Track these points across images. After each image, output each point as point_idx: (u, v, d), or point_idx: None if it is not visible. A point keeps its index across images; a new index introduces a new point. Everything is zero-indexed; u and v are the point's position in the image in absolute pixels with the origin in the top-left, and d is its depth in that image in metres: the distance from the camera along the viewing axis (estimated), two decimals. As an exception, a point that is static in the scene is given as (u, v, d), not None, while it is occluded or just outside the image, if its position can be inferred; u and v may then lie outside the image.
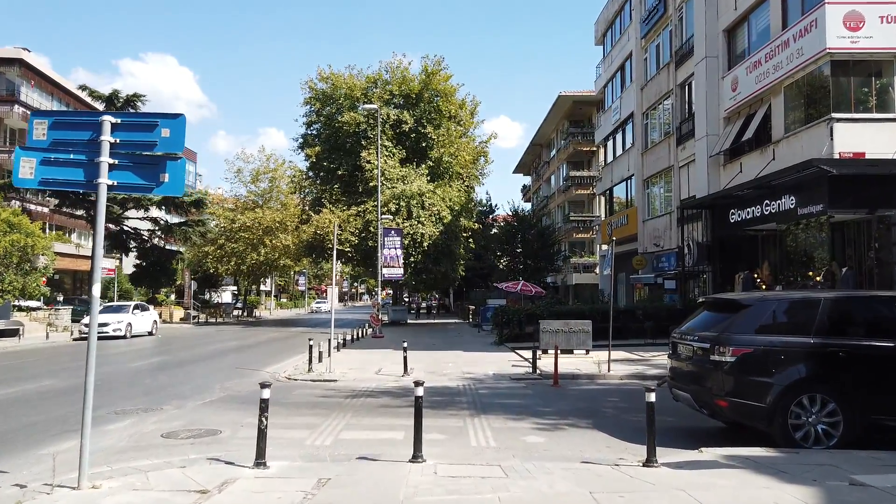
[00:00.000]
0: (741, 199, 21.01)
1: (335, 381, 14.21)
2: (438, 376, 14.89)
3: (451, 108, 41.26)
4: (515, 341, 23.14)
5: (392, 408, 10.67)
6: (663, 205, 29.39)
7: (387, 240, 31.99)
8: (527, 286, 30.02)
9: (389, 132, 39.65)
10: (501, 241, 45.25)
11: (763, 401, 7.54)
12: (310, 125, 43.23)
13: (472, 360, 18.44)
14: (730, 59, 23.09)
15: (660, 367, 15.76)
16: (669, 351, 9.24)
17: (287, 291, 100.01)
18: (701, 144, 24.04)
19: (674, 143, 27.74)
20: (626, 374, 14.72)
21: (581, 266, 49.02)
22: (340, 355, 19.97)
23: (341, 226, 37.66)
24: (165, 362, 18.55)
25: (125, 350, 22.84)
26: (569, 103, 48.61)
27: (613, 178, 36.76)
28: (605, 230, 37.43)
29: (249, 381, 14.12)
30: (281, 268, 58.84)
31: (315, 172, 42.66)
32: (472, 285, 57.42)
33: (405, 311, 43.59)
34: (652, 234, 30.18)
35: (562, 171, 53.45)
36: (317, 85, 41.58)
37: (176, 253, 46.19)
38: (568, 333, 17.10)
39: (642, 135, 31.94)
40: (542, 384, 13.80)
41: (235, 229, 46.42)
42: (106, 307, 30.48)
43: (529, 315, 23.30)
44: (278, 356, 20.27)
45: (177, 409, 10.43)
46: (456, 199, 39.82)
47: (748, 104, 21.50)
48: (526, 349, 20.68)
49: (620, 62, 35.32)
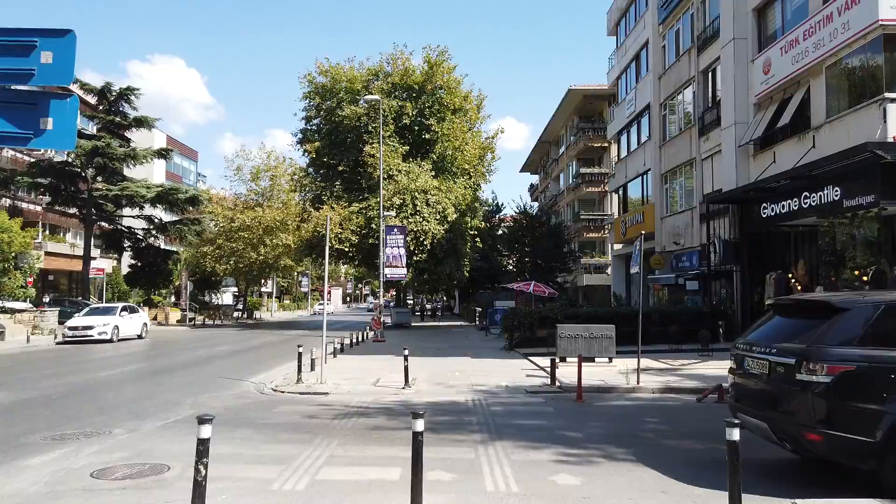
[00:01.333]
0: (775, 191, 19.17)
1: (326, 394, 12.44)
2: (444, 388, 13.10)
3: (455, 101, 39.52)
4: (527, 346, 21.35)
5: (388, 431, 8.89)
6: (684, 200, 27.53)
7: (389, 238, 30.23)
8: (539, 287, 28.20)
9: (392, 126, 37.93)
10: (510, 240, 43.32)
11: (871, 434, 5.73)
12: (309, 120, 41.59)
13: (482, 368, 16.65)
14: (760, 41, 21.24)
15: (694, 378, 13.95)
16: (732, 365, 7.43)
17: (290, 293, 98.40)
18: (728, 133, 22.20)
19: (696, 135, 25.89)
20: (657, 387, 12.90)
21: (592, 266, 47.15)
22: (336, 362, 18.22)
23: (342, 224, 36.00)
24: (142, 370, 16.81)
25: (106, 356, 21.12)
26: (579, 98, 46.75)
27: (628, 174, 34.90)
28: (619, 228, 35.59)
29: (228, 395, 12.36)
30: (282, 268, 57.14)
31: (315, 169, 40.97)
32: (478, 286, 55.60)
33: (409, 314, 41.82)
34: (671, 231, 28.33)
35: (571, 169, 51.58)
36: (316, 78, 39.92)
37: (172, 253, 44.55)
38: (589, 339, 15.29)
39: (660, 127, 30.09)
40: (563, 399, 11.99)
41: (235, 228, 44.77)
42: (92, 309, 28.84)
43: (543, 318, 21.50)
44: (270, 362, 18.52)
45: (128, 433, 8.67)
46: (461, 196, 38.05)
47: (783, 88, 19.64)
48: (540, 356, 18.92)
49: (635, 51, 33.48)
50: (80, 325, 26.31)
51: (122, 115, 39.80)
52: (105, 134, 38.36)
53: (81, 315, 27.85)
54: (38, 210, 43.93)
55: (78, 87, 39.03)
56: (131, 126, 40.10)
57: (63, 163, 38.83)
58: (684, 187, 27.69)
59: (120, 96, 39.18)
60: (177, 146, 77.19)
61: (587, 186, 47.10)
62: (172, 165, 73.79)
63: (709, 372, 15.00)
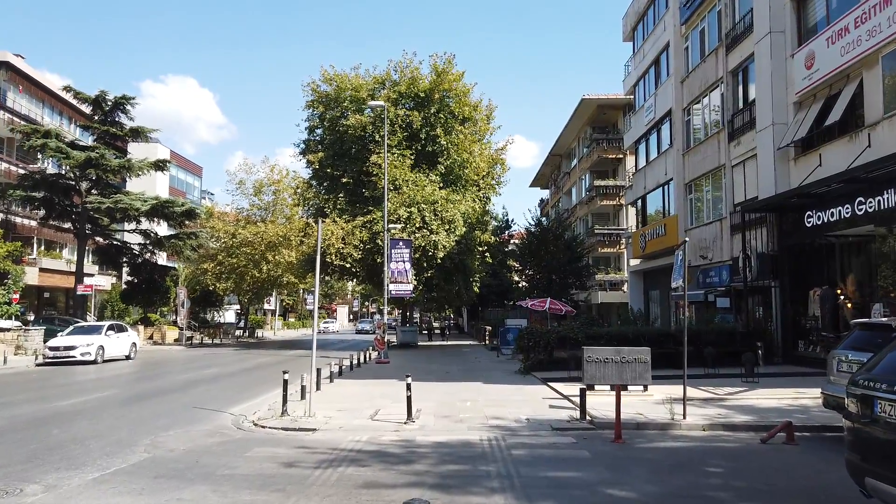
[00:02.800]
0: (822, 197, 17.21)
1: (313, 430, 10.46)
2: (453, 423, 11.10)
3: (464, 111, 37.75)
4: (544, 369, 19.31)
5: (384, 489, 6.91)
6: (711, 211, 25.54)
7: (394, 252, 28.32)
8: (555, 304, 26.17)
9: (400, 135, 36.20)
10: (523, 254, 41.26)
11: None
12: (312, 130, 39.89)
13: (497, 396, 14.63)
14: (800, 33, 19.38)
15: (747, 411, 11.91)
16: (851, 408, 5.44)
17: (295, 311, 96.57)
18: (765, 136, 20.26)
19: (724, 139, 23.97)
20: (706, 422, 10.85)
21: (607, 283, 45.03)
22: (333, 388, 16.25)
23: (345, 239, 34.17)
24: (110, 398, 14.87)
25: (81, 380, 19.22)
26: (592, 108, 44.98)
27: (647, 185, 32.96)
28: (637, 242, 33.56)
29: (197, 432, 10.41)
30: (285, 285, 55.42)
31: (318, 181, 39.22)
32: (487, 304, 53.53)
33: (415, 333, 39.71)
34: (697, 244, 26.32)
35: (584, 182, 49.67)
36: (320, 87, 38.25)
37: (170, 269, 42.76)
38: (620, 364, 13.21)
39: (683, 133, 28.20)
40: (597, 438, 9.98)
41: (236, 244, 43.05)
42: (77, 328, 27.00)
43: (562, 338, 19.48)
44: (258, 388, 16.58)
45: (44, 491, 6.72)
46: (470, 208, 36.15)
47: (828, 83, 17.73)
48: (560, 381, 16.88)
49: (654, 56, 31.70)
50: (61, 346, 24.50)
51: (118, 126, 38.27)
52: (100, 145, 36.82)
53: (64, 335, 26.03)
54: (33, 225, 42.30)
55: (72, 97, 37.63)
56: (127, 136, 38.58)
57: (56, 175, 37.30)
58: (712, 197, 25.72)
59: (116, 106, 37.67)
60: (180, 161, 76.08)
61: (601, 199, 45.11)
62: (176, 181, 72.58)
63: (760, 402, 12.95)
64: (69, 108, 45.17)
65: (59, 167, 38.12)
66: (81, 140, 38.74)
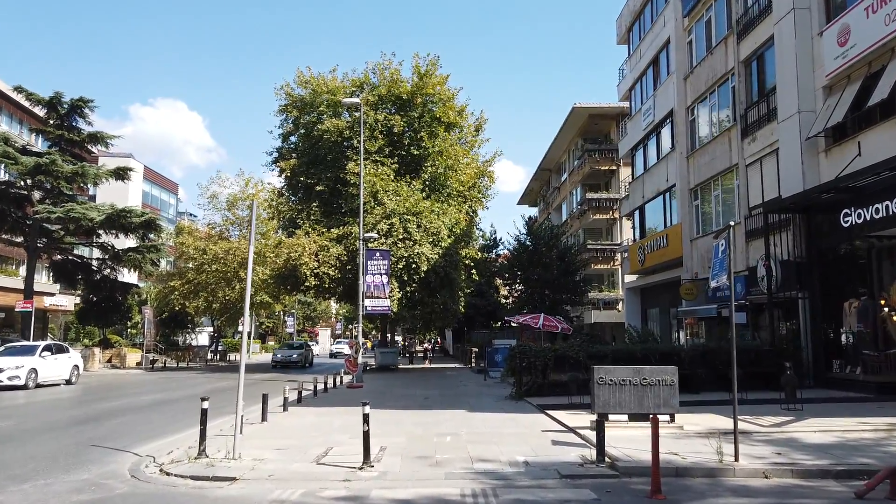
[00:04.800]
0: (861, 191, 14.70)
1: (232, 479, 7.57)
2: (427, 467, 8.27)
3: (448, 116, 35.25)
4: (540, 394, 16.53)
5: None
6: (722, 216, 23.03)
7: (370, 263, 25.48)
8: (550, 320, 23.38)
9: (381, 141, 33.60)
10: (511, 266, 38.47)
11: None
12: (286, 137, 37.15)
13: (484, 428, 11.78)
14: (829, 8, 17.04)
15: (807, 448, 9.17)
16: None
17: (275, 334, 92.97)
18: (788, 127, 17.79)
19: (737, 137, 21.54)
20: (767, 465, 8.10)
21: (601, 302, 42.35)
22: (284, 419, 13.34)
23: (318, 255, 31.30)
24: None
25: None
26: (584, 117, 42.69)
27: (645, 194, 30.48)
28: (635, 256, 31.00)
29: (75, 482, 7.51)
30: (259, 305, 52.22)
31: (292, 191, 36.43)
32: (473, 325, 50.58)
33: (395, 354, 36.66)
34: (705, 255, 23.76)
35: (575, 196, 47.23)
36: (294, 90, 35.66)
37: (131, 286, 39.51)
38: (641, 388, 10.51)
39: (686, 134, 25.80)
40: (625, 490, 7.17)
41: (206, 261, 39.93)
42: (7, 349, 23.82)
43: (560, 357, 16.72)
44: (192, 419, 13.54)
45: None
46: (455, 219, 33.45)
47: (867, 60, 15.32)
48: (560, 408, 14.07)
49: (653, 54, 29.44)
50: (-16, 369, 21.32)
51: (75, 131, 35.32)
52: (55, 151, 33.84)
53: (-8, 356, 22.84)
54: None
55: (24, 98, 34.70)
56: (85, 142, 35.57)
57: (6, 183, 34.20)
58: (722, 201, 23.23)
59: (73, 109, 34.71)
60: (155, 178, 73.08)
61: (594, 213, 42.57)
62: (150, 197, 69.57)
63: (818, 436, 10.24)
64: (27, 115, 42.17)
65: (8, 175, 35.07)
66: (35, 146, 35.71)
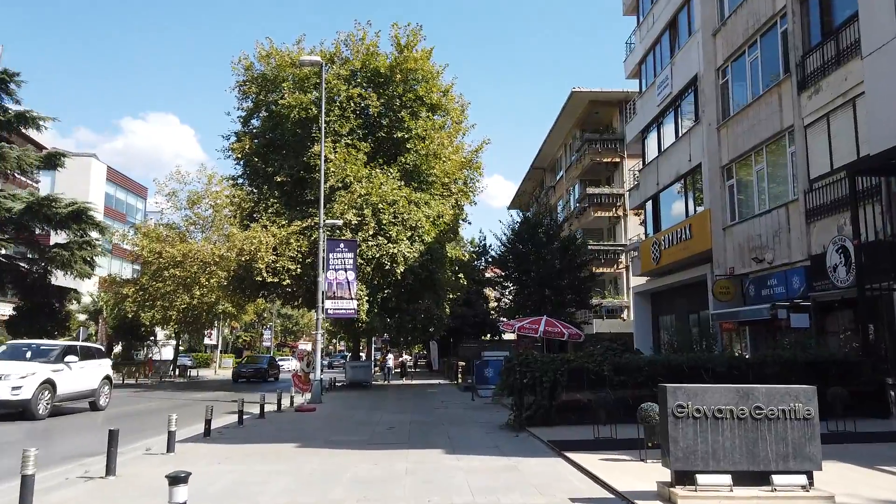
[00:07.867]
0: None
1: None
2: None
3: (432, 96, 30.75)
4: (547, 423, 11.84)
5: None
6: (770, 195, 18.51)
7: (333, 256, 20.73)
8: (554, 324, 18.68)
9: (354, 122, 29.03)
10: (505, 261, 33.65)
11: None
12: (247, 120, 32.36)
13: (468, 486, 6.99)
14: None
15: None
16: None
17: (252, 348, 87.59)
18: (880, 60, 13.27)
19: (791, 91, 17.08)
20: None
21: (603, 309, 37.62)
22: (154, 466, 8.46)
23: (276, 249, 26.55)
24: None
25: None
26: (583, 105, 38.25)
27: (661, 180, 25.97)
28: (648, 253, 26.38)
29: None
30: (223, 315, 47.28)
31: (249, 179, 31.66)
32: (461, 337, 45.69)
33: (369, 369, 31.75)
34: (745, 244, 19.22)
35: (574, 193, 42.68)
36: (254, 66, 31.02)
37: (68, 290, 34.49)
38: (752, 423, 5.77)
39: (717, 101, 21.37)
40: None
41: (163, 265, 34.90)
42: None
43: (575, 371, 12.04)
44: (62, 455, 8.67)
45: None
46: (437, 212, 28.76)
47: None
48: (586, 448, 9.27)
49: (670, 16, 25.08)
50: None
51: (0, 110, 30.44)
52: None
53: None
54: None
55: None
56: (12, 123, 30.65)
57: None
58: (769, 176, 18.70)
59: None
60: (121, 180, 68.05)
61: (595, 210, 37.96)
62: (114, 201, 64.31)
63: None
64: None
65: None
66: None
